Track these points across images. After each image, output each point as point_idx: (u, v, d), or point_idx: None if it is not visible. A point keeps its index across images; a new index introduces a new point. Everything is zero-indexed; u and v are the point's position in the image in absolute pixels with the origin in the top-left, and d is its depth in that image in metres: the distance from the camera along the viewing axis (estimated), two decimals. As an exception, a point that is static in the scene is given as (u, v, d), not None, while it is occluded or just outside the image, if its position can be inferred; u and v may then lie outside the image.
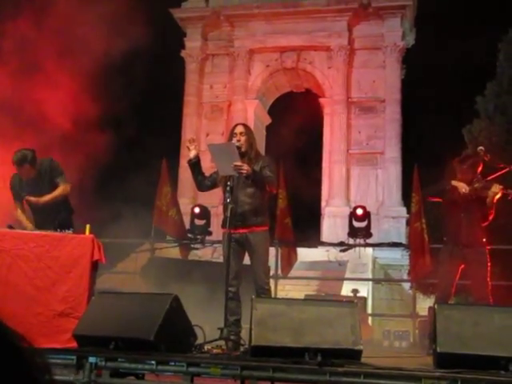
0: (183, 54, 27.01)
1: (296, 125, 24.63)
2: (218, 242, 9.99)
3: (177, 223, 11.36)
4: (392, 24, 25.46)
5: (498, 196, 6.07)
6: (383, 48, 25.39)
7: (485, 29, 22.16)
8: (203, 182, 5.60)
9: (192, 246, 11.85)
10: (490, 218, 6.21)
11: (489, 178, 6.22)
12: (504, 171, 6.36)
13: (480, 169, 6.36)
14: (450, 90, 24.21)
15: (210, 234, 11.98)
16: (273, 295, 6.66)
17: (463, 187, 6.13)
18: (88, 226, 5.50)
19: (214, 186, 5.61)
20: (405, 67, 26.41)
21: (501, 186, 6.03)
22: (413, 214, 10.29)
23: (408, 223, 19.91)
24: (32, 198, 5.91)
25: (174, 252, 12.61)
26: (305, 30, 25.47)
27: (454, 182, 6.21)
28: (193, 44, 26.99)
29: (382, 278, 19.52)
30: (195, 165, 5.52)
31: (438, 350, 3.79)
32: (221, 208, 5.57)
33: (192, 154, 5.49)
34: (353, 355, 3.85)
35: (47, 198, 5.93)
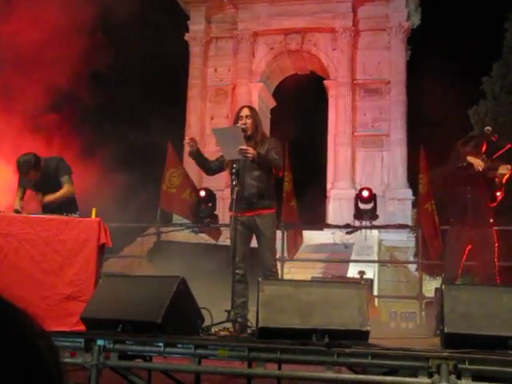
0: (187, 37, 26.87)
1: (301, 107, 24.55)
2: (225, 225, 10.03)
3: (189, 205, 11.34)
4: (397, 4, 25.21)
5: (506, 176, 6.04)
6: (388, 29, 25.18)
7: (491, 8, 21.94)
8: (210, 168, 5.60)
9: (197, 229, 11.87)
10: (499, 198, 6.18)
11: (494, 157, 6.18)
12: (505, 149, 6.30)
13: (484, 149, 6.32)
14: (455, 71, 24.04)
15: (215, 217, 11.98)
16: (279, 278, 6.67)
17: (479, 165, 6.04)
18: (94, 210, 5.51)
19: (221, 169, 5.60)
20: (410, 48, 26.21)
21: (509, 166, 5.99)
22: (421, 196, 10.28)
23: (414, 205, 19.92)
24: (39, 196, 5.90)
25: (180, 235, 12.65)
26: (309, 11, 25.27)
27: (470, 159, 6.12)
28: (196, 27, 26.83)
29: (388, 260, 19.53)
30: (197, 156, 5.48)
31: (446, 330, 3.78)
32: (227, 191, 5.58)
33: (189, 149, 5.43)
34: (360, 336, 3.85)
35: (50, 197, 5.89)
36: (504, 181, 6.05)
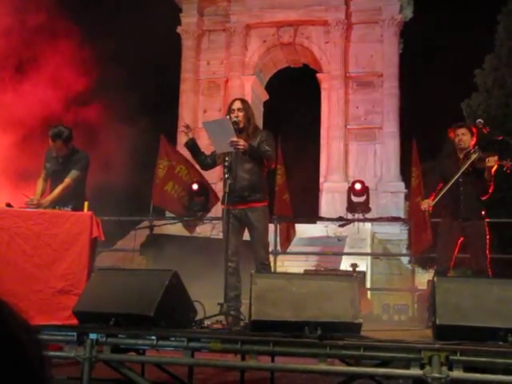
0: (179, 30, 26.77)
1: (294, 100, 24.54)
2: (217, 218, 10.02)
3: (173, 198, 11.26)
4: (389, -3, 25.22)
5: (494, 168, 6.05)
6: (381, 22, 25.18)
7: (484, 1, 21.98)
8: (205, 161, 5.58)
9: (190, 223, 11.84)
10: (490, 190, 6.20)
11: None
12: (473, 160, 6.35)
13: (474, 140, 6.35)
14: (448, 64, 24.08)
15: (208, 210, 11.95)
16: (272, 271, 6.68)
17: (423, 205, 6.39)
18: (86, 203, 5.50)
19: (215, 163, 5.59)
20: (402, 41, 26.21)
21: (495, 158, 6.00)
22: (413, 189, 10.29)
23: (407, 198, 19.96)
24: (33, 203, 5.85)
25: (173, 229, 12.63)
26: (302, 4, 25.22)
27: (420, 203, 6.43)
28: (189, 20, 26.73)
29: (381, 253, 19.59)
30: (193, 147, 5.49)
31: (438, 322, 3.80)
32: (219, 185, 5.56)
33: (186, 138, 5.44)
34: (352, 328, 3.86)
35: (48, 199, 5.91)
36: (493, 172, 6.07)
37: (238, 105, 5.40)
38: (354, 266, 11.35)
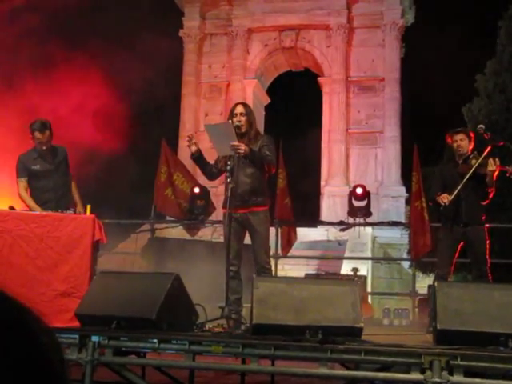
0: (181, 33, 26.79)
1: (295, 104, 24.55)
2: (218, 222, 10.04)
3: (173, 203, 11.32)
4: (391, 2, 25.21)
5: (496, 173, 6.07)
6: (382, 26, 25.20)
7: (485, 6, 22.01)
8: (211, 172, 5.58)
9: (192, 225, 11.86)
10: (491, 195, 6.22)
11: (484, 153, 6.22)
12: (489, 148, 6.31)
13: (472, 146, 6.37)
14: (449, 69, 24.11)
15: (209, 214, 11.97)
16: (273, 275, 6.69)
17: (443, 199, 6.13)
18: (89, 206, 5.52)
19: (220, 172, 5.59)
20: (404, 46, 26.25)
21: (497, 163, 6.02)
22: (413, 193, 10.30)
23: (408, 202, 19.95)
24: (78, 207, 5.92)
25: (175, 232, 12.66)
26: (304, 8, 25.26)
27: (437, 199, 6.24)
28: (191, 23, 26.77)
29: (382, 257, 19.58)
30: (199, 158, 5.48)
31: (438, 326, 3.82)
32: (220, 189, 5.56)
33: (192, 149, 5.42)
34: (353, 333, 3.88)
35: (80, 206, 5.98)
36: (494, 177, 6.08)
37: (240, 109, 5.42)
38: (355, 270, 11.35)
